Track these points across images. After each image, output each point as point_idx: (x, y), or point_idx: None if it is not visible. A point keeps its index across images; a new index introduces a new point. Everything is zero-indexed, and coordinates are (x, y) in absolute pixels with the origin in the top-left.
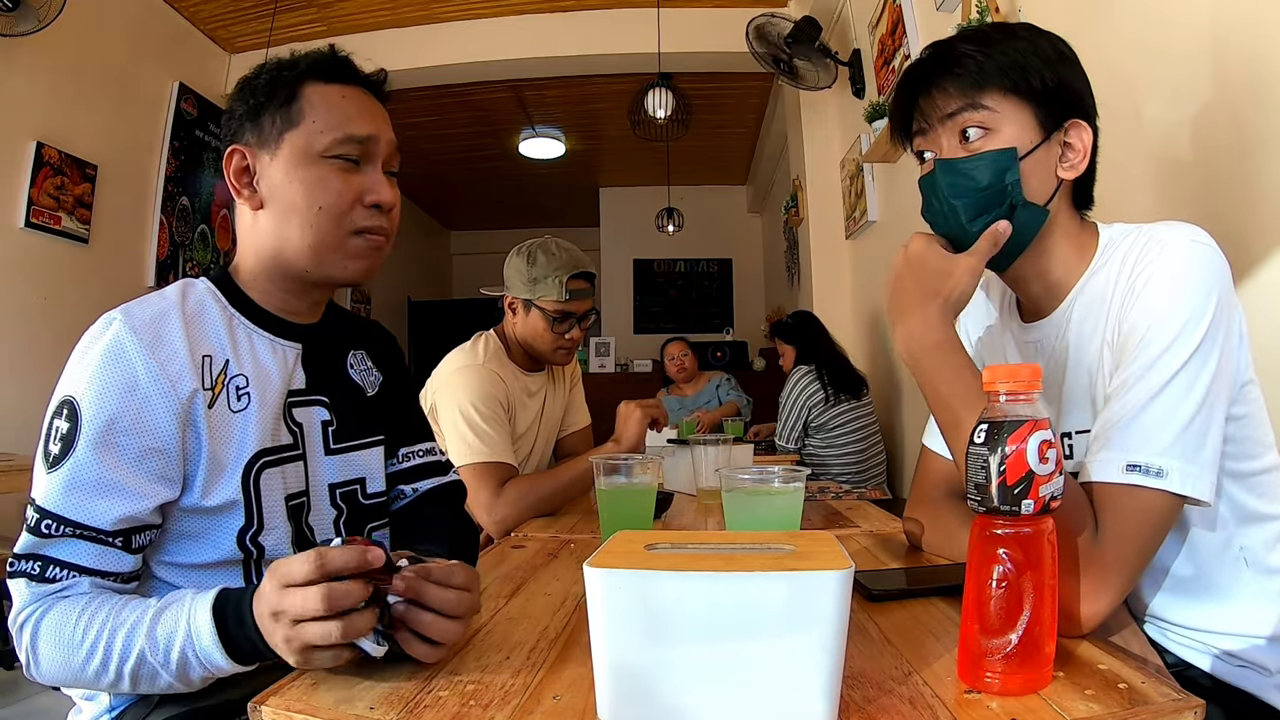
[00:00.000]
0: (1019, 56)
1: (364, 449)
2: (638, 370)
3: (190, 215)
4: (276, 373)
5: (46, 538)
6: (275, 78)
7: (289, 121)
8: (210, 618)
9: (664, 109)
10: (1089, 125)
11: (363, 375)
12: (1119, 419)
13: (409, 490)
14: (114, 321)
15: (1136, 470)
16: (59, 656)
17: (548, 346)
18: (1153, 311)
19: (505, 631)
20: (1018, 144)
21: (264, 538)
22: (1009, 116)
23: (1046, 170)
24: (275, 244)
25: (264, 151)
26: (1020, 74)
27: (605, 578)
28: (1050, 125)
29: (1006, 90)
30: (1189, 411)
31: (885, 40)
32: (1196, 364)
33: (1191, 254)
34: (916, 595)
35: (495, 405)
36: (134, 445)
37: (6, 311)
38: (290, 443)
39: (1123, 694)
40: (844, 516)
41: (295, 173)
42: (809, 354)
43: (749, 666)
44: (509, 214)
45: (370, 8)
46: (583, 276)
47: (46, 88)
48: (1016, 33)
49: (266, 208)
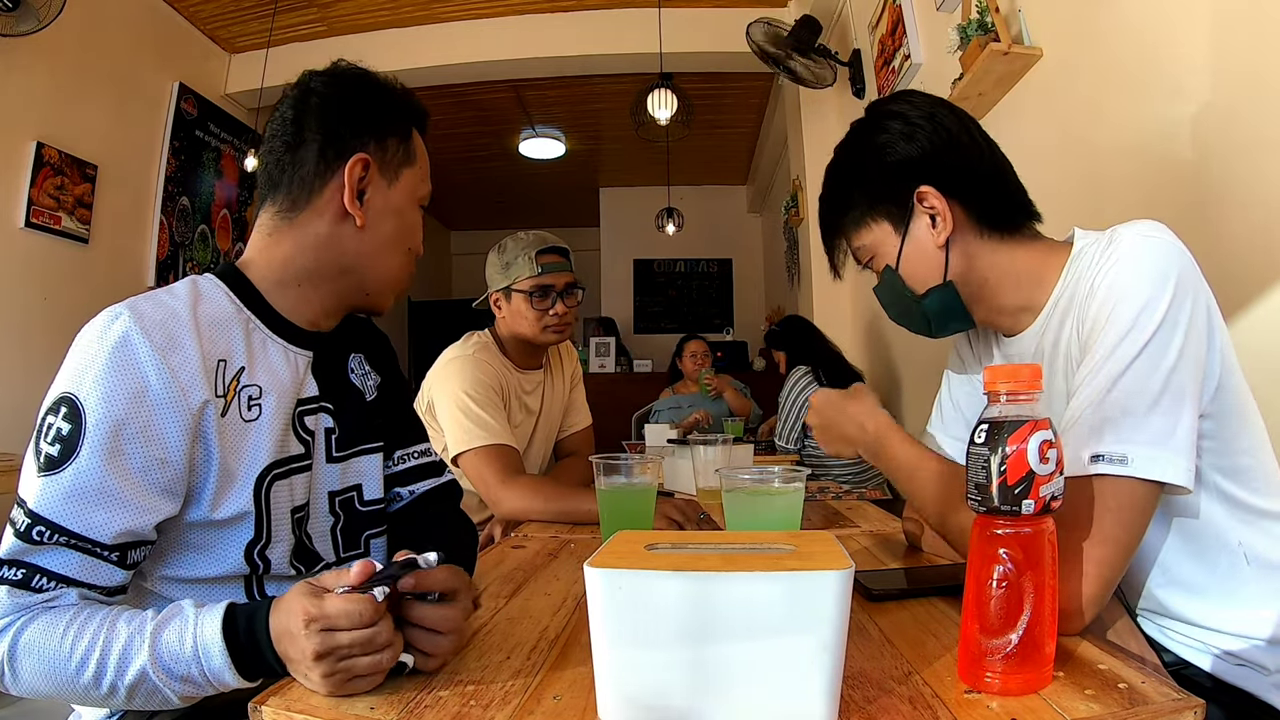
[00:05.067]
0: (842, 188)
1: (364, 455)
2: (638, 370)
3: (190, 215)
4: (289, 382)
5: (36, 545)
6: (398, 105)
7: (408, 159)
8: (221, 637)
9: (666, 109)
10: (929, 182)
11: (362, 379)
12: (1081, 412)
13: (405, 493)
14: (120, 317)
15: (1100, 460)
16: (43, 668)
17: (534, 327)
18: (1108, 303)
19: (505, 631)
20: (888, 259)
21: (270, 551)
22: (869, 240)
23: (925, 253)
24: (351, 262)
25: (383, 176)
26: (849, 205)
27: (605, 578)
28: (901, 215)
29: (855, 226)
30: (1150, 396)
31: (885, 40)
32: (1156, 348)
33: (1144, 246)
34: (916, 595)
35: (488, 390)
36: (140, 455)
37: (6, 311)
38: (302, 452)
39: (1123, 694)
40: (844, 516)
41: (405, 211)
42: (802, 357)
43: (749, 666)
44: (509, 214)
45: (370, 8)
46: (554, 251)
47: (46, 88)
48: (835, 160)
49: (365, 229)
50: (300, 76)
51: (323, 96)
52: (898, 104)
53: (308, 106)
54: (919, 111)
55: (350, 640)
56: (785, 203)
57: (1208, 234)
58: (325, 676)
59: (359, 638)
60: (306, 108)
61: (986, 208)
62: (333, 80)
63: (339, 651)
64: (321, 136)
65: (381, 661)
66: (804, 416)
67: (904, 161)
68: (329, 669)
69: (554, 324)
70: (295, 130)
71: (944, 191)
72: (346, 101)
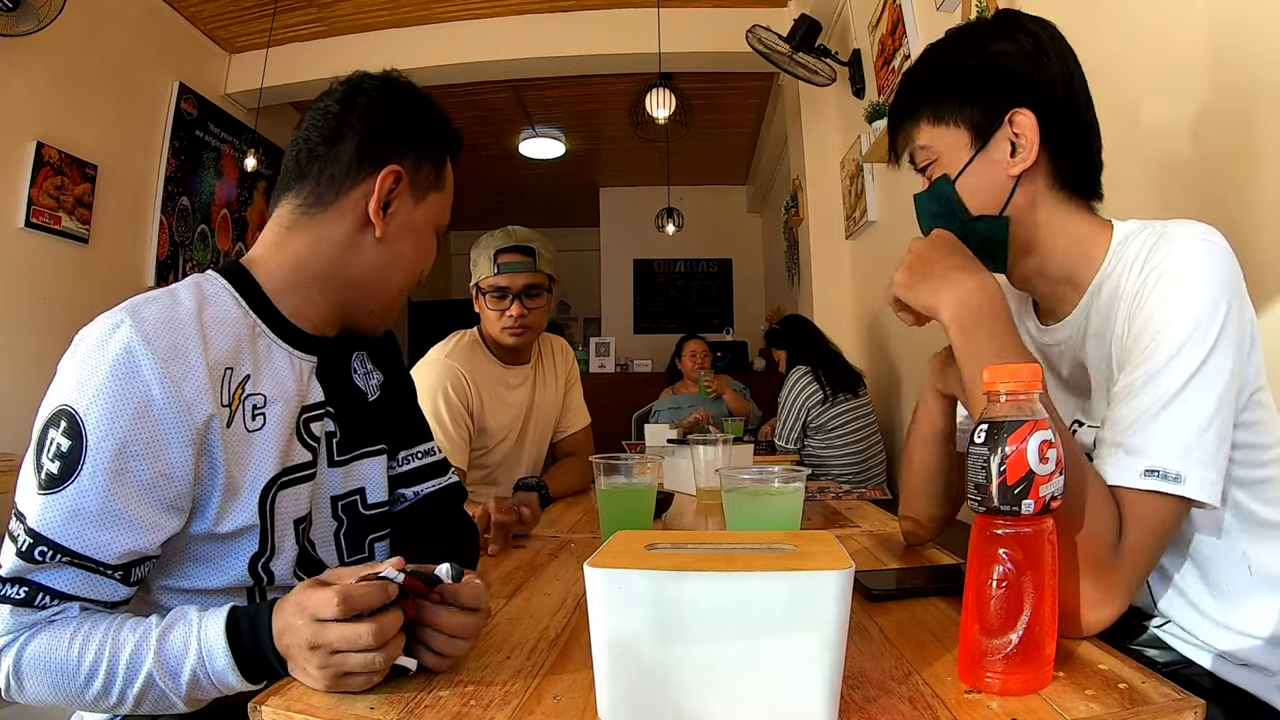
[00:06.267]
0: (936, 74)
1: (366, 458)
2: (638, 370)
3: (190, 215)
4: (294, 389)
5: (39, 564)
6: (442, 128)
7: (438, 184)
8: (225, 639)
9: (665, 109)
10: (1033, 109)
11: (364, 379)
12: (1133, 421)
13: (410, 494)
14: (122, 325)
15: (1154, 475)
16: (50, 681)
17: (494, 327)
18: (1165, 311)
19: (505, 631)
20: (949, 168)
21: (274, 564)
22: (939, 141)
23: (993, 177)
24: (362, 275)
25: (412, 193)
26: (938, 94)
27: (605, 578)
28: (987, 128)
29: (931, 119)
30: (1207, 415)
31: (885, 40)
32: (1213, 366)
33: (1202, 253)
34: (917, 595)
35: (451, 402)
36: (145, 472)
37: (6, 311)
38: (309, 459)
39: (1123, 694)
40: (844, 516)
41: (424, 234)
42: (802, 356)
43: (749, 666)
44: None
45: (370, 8)
46: (516, 250)
47: (46, 88)
48: (943, 42)
49: (383, 241)
50: (352, 75)
51: (373, 98)
52: (1035, 25)
53: (355, 105)
54: (1054, 43)
55: (338, 634)
56: (785, 203)
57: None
58: (320, 669)
59: (347, 632)
60: (354, 105)
61: (1068, 163)
62: (385, 86)
63: (329, 645)
64: (362, 137)
65: (373, 662)
66: (803, 416)
67: (1015, 78)
68: (322, 661)
69: (510, 325)
70: (337, 125)
71: (1040, 127)
72: (395, 110)
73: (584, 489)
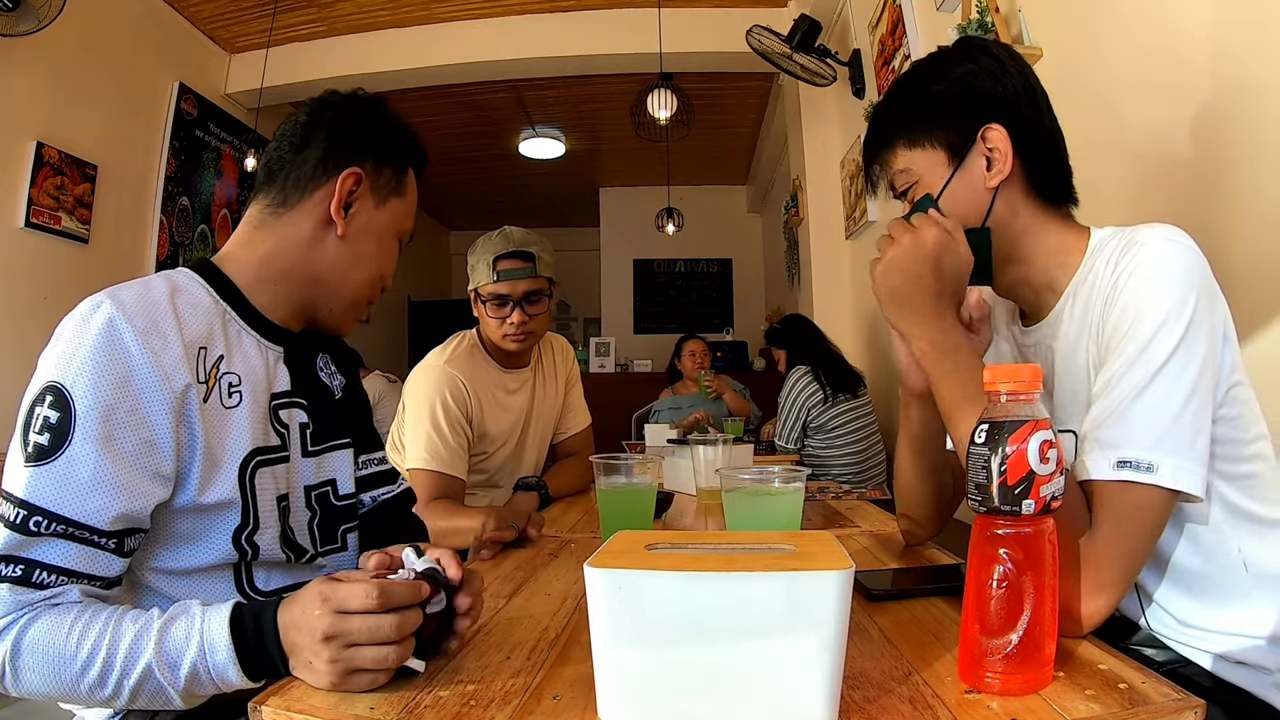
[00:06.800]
0: (907, 101)
1: (336, 450)
2: (638, 370)
3: (190, 215)
4: (262, 374)
5: (33, 536)
6: (403, 139)
7: (399, 190)
8: (228, 632)
9: (666, 109)
10: (1002, 123)
11: (329, 377)
12: (1106, 416)
13: (368, 499)
14: (102, 305)
15: (1127, 466)
16: (46, 668)
17: (495, 334)
18: (1134, 307)
19: (505, 631)
20: (930, 188)
21: (259, 537)
22: (917, 164)
23: (973, 192)
24: (324, 272)
25: (373, 196)
26: (911, 120)
27: (605, 578)
28: (962, 146)
29: (907, 143)
30: (1177, 404)
31: (885, 40)
32: (1181, 357)
33: (1170, 252)
34: (916, 595)
35: (449, 409)
36: (131, 438)
37: (6, 311)
38: (279, 444)
39: (1123, 694)
40: (844, 516)
41: (385, 237)
42: (802, 356)
43: (749, 666)
44: (509, 214)
45: (370, 8)
46: (515, 256)
47: (46, 88)
48: (909, 74)
49: (345, 240)
50: (323, 93)
51: (338, 111)
52: (995, 47)
53: (323, 117)
54: (1013, 60)
55: (360, 625)
56: (785, 203)
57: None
58: (330, 662)
59: (369, 623)
60: (321, 118)
61: (1041, 172)
62: (350, 101)
63: (347, 636)
64: (326, 144)
65: (387, 657)
66: (803, 416)
67: (983, 96)
68: (335, 653)
69: (511, 333)
70: (305, 134)
71: (1011, 139)
72: (358, 120)
73: (584, 489)
